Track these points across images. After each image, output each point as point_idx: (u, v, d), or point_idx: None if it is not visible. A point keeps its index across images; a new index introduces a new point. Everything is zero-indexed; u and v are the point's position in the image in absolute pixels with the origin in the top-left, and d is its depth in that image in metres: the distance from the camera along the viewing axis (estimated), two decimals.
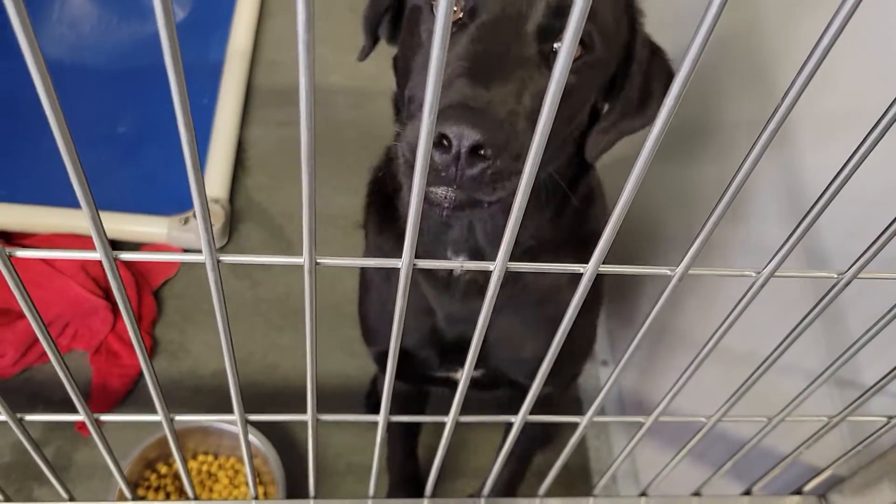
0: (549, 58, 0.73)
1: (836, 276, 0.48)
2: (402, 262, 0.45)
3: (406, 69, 0.82)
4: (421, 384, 1.21)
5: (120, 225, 1.66)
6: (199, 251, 0.43)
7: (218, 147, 1.85)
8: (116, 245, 1.71)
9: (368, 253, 1.06)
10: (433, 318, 1.01)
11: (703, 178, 1.21)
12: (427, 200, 0.66)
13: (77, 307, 1.58)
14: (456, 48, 0.71)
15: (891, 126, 0.40)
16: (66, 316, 1.59)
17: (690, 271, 0.47)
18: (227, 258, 0.45)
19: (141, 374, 1.59)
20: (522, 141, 0.65)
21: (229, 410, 1.48)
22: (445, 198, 0.65)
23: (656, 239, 1.40)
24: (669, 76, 0.85)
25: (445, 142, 0.61)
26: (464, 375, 0.56)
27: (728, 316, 0.51)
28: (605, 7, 0.79)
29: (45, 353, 1.58)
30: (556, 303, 1.00)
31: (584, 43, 0.76)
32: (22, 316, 1.56)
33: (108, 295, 1.60)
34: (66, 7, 2.11)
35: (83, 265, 1.57)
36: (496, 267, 0.45)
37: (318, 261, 0.45)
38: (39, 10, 2.08)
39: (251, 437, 1.40)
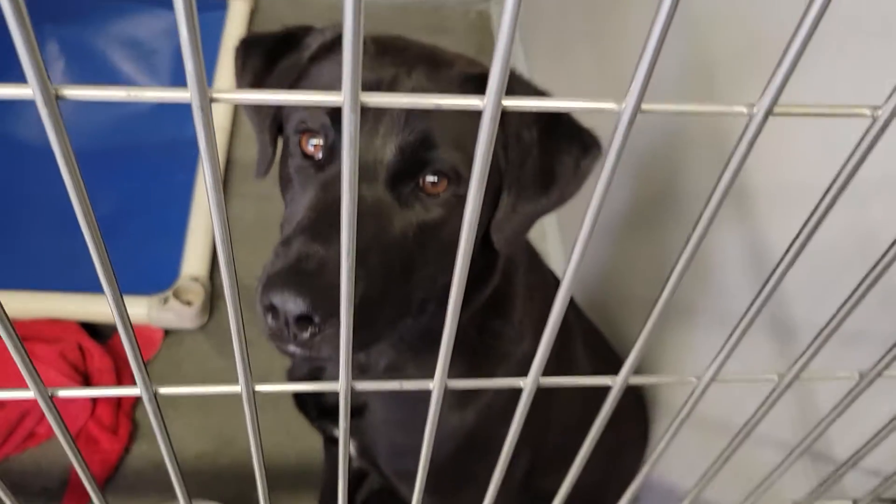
0: (408, 201, 0.71)
1: (776, 378, 0.48)
2: (340, 385, 0.45)
3: (283, 197, 0.80)
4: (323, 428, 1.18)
5: (98, 307, 1.66)
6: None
7: (197, 223, 1.85)
8: (96, 328, 1.70)
9: None
10: (319, 368, 1.03)
11: (670, 244, 1.22)
12: (281, 350, 0.67)
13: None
14: (309, 193, 0.70)
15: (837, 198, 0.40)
16: None
17: (631, 380, 0.47)
18: (165, 390, 0.45)
19: (121, 459, 1.57)
20: (367, 301, 0.64)
21: (213, 493, 1.45)
22: (294, 354, 0.65)
23: (628, 304, 1.40)
24: (583, 147, 0.77)
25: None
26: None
27: (671, 426, 0.51)
28: (472, 126, 0.73)
29: (24, 441, 1.56)
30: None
31: (449, 176, 0.72)
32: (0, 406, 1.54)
33: (86, 381, 1.59)
34: None
35: (61, 351, 1.56)
36: (434, 387, 0.45)
37: (255, 388, 0.45)
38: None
39: None
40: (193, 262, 1.77)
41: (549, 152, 0.77)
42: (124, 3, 2.22)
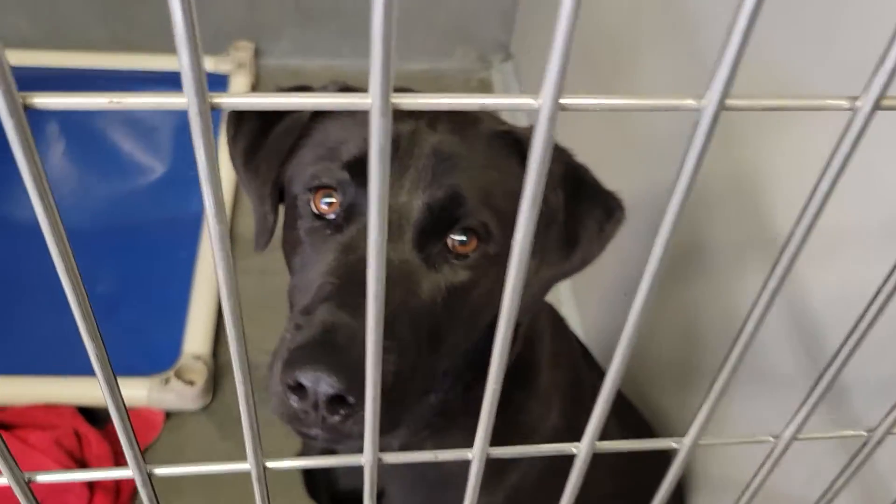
0: (436, 262, 0.66)
1: (865, 434, 0.42)
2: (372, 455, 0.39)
3: (290, 262, 0.75)
4: None
5: (96, 391, 1.58)
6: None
7: (199, 300, 1.79)
8: (94, 413, 1.62)
9: None
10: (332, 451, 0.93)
11: (696, 299, 1.16)
12: (300, 434, 0.61)
13: (50, 483, 1.48)
14: (327, 257, 0.65)
15: None
16: (40, 493, 1.49)
17: (701, 441, 0.41)
18: (161, 471, 0.39)
19: None
20: (400, 376, 0.58)
21: None
22: (316, 438, 0.59)
23: (652, 363, 1.33)
24: (607, 210, 0.75)
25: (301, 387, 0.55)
26: None
27: (748, 485, 0.45)
28: (501, 183, 0.69)
29: None
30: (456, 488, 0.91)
31: (479, 235, 0.67)
32: None
33: (83, 468, 1.50)
34: (48, 170, 2.10)
35: (56, 438, 1.48)
36: (475, 457, 0.39)
37: (266, 465, 0.39)
38: (20, 177, 2.08)
39: None
40: (196, 340, 1.71)
41: (574, 215, 0.74)
42: (123, 82, 2.22)
